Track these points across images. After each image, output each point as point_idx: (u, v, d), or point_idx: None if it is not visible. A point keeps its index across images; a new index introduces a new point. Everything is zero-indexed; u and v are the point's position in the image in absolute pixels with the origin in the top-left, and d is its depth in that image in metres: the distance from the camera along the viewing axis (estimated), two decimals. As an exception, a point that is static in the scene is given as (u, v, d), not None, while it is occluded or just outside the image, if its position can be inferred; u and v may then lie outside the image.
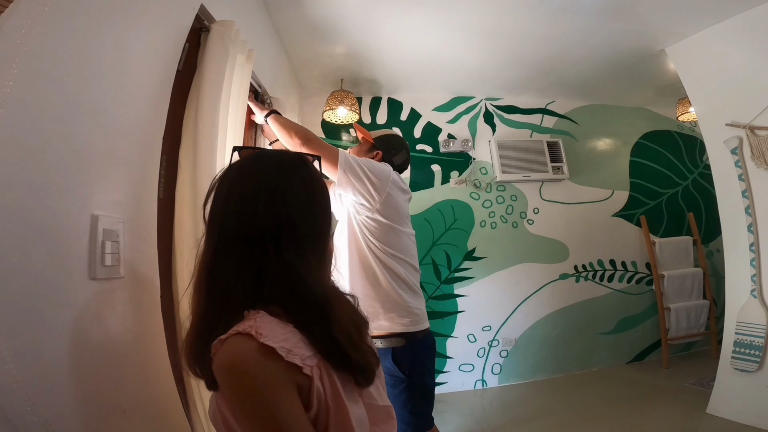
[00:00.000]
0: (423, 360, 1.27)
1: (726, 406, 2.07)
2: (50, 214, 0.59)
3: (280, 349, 0.47)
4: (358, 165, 1.21)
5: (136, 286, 0.78)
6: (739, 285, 2.14)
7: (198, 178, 0.92)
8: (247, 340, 0.47)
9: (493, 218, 3.00)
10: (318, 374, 0.50)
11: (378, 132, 1.54)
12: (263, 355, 0.46)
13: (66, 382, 0.59)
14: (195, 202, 0.90)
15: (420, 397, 1.24)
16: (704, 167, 3.45)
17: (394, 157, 1.46)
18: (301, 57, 2.40)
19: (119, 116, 0.76)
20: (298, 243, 0.57)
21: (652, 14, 2.09)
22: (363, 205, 1.24)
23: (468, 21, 2.11)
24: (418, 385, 1.23)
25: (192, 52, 1.06)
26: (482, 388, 2.82)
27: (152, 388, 0.80)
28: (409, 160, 1.55)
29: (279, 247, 0.55)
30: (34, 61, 0.56)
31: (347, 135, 2.94)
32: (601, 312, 3.07)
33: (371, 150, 1.46)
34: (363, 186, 1.21)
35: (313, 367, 0.50)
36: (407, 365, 1.21)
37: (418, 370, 1.23)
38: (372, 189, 1.22)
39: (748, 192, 2.09)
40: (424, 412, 1.26)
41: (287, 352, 0.47)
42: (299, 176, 0.61)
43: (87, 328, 0.65)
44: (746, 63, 2.06)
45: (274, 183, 0.58)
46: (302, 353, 0.49)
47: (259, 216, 0.55)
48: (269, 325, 0.49)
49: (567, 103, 3.30)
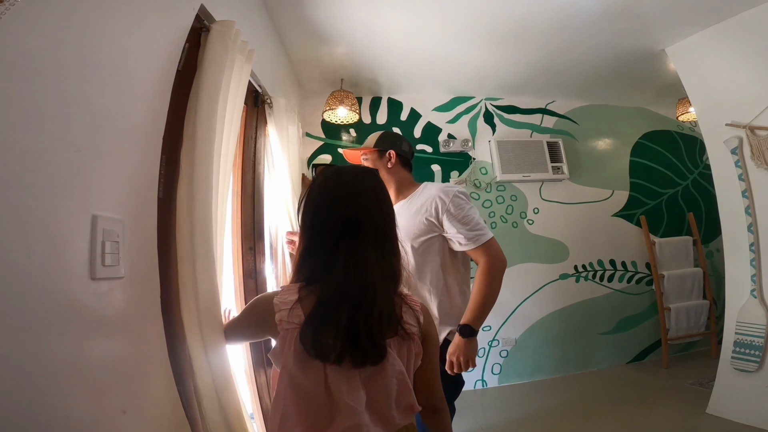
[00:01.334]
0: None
1: (726, 406, 2.07)
2: (50, 214, 0.59)
3: (275, 305, 0.73)
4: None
5: (136, 286, 0.78)
6: (739, 285, 2.14)
7: (196, 178, 0.91)
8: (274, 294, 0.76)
9: (493, 218, 3.01)
10: (284, 335, 0.71)
11: (370, 139, 1.48)
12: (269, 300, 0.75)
13: (66, 383, 0.59)
14: (193, 203, 0.90)
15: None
16: (704, 167, 3.45)
17: (401, 148, 1.44)
18: (301, 57, 2.40)
19: (119, 116, 0.76)
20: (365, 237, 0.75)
21: (652, 14, 2.09)
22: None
23: (468, 21, 2.11)
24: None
25: (192, 52, 1.05)
26: (482, 388, 2.82)
27: (152, 388, 0.80)
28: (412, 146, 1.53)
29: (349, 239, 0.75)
30: (34, 61, 0.56)
31: (347, 135, 2.94)
32: (601, 312, 3.07)
33: (381, 157, 1.42)
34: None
35: (287, 329, 0.71)
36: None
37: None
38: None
39: (748, 192, 2.09)
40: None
41: (279, 309, 0.72)
42: (369, 183, 0.80)
43: (87, 328, 0.65)
44: (746, 63, 2.06)
45: (350, 188, 0.78)
46: (285, 317, 0.71)
47: (334, 214, 0.76)
48: (286, 293, 0.74)
49: (567, 103, 3.30)
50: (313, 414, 0.67)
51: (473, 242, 1.25)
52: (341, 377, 0.69)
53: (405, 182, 1.43)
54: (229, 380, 0.91)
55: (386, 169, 1.41)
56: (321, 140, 2.89)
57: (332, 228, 0.74)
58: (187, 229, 0.89)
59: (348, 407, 0.67)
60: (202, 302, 0.87)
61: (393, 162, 1.41)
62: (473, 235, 1.25)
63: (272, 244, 2.00)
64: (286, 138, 1.92)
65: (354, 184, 0.78)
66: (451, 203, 1.26)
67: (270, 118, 1.85)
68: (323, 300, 0.70)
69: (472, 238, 1.25)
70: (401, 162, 1.44)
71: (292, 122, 2.04)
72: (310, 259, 0.76)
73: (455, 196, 1.28)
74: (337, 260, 0.72)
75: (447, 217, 1.26)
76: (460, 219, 1.25)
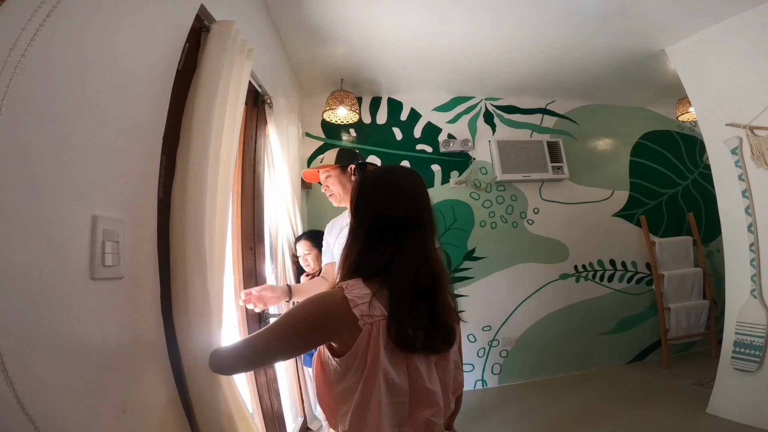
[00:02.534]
0: None
1: (726, 406, 2.07)
2: (50, 214, 0.59)
3: (350, 300, 0.68)
4: None
5: (136, 286, 0.78)
6: (739, 285, 2.14)
7: (189, 178, 0.90)
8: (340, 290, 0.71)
9: (493, 218, 3.01)
10: (369, 330, 0.67)
11: (329, 157, 1.57)
12: (337, 296, 0.70)
13: (66, 383, 0.59)
14: (186, 202, 0.89)
15: None
16: (704, 167, 3.45)
17: (359, 161, 1.50)
18: (301, 57, 2.40)
19: (119, 116, 0.76)
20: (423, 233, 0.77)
21: (652, 14, 2.09)
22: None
23: (468, 21, 2.11)
24: None
25: (192, 52, 1.05)
26: (482, 388, 2.82)
27: (152, 388, 0.80)
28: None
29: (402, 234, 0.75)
30: (34, 61, 0.56)
31: (347, 135, 2.94)
32: (601, 312, 3.07)
33: (344, 172, 1.51)
34: None
35: (369, 324, 0.67)
36: None
37: None
38: None
39: (748, 192, 2.09)
40: None
41: (355, 304, 0.68)
42: (420, 181, 0.83)
43: (87, 328, 0.65)
44: (746, 63, 2.06)
45: (401, 187, 0.80)
46: (366, 311, 0.68)
47: (398, 210, 0.76)
48: (354, 288, 0.71)
49: (567, 103, 3.30)
50: (402, 407, 0.69)
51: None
52: (422, 365, 0.72)
53: None
54: (219, 383, 0.88)
55: (351, 182, 1.49)
56: (321, 140, 2.89)
57: (398, 223, 0.75)
58: (179, 229, 0.89)
59: (431, 393, 0.71)
60: (191, 302, 0.86)
61: (356, 175, 1.50)
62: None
63: (272, 244, 2.00)
64: (286, 138, 1.92)
65: (408, 182, 0.81)
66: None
67: (270, 118, 1.85)
68: (401, 292, 0.71)
69: None
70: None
71: (292, 122, 2.04)
72: (372, 254, 0.74)
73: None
74: (407, 253, 0.74)
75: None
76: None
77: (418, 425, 0.70)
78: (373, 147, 2.94)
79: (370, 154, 2.91)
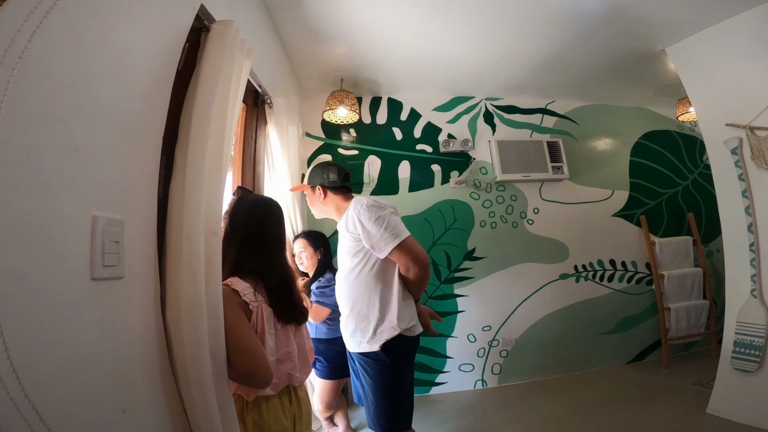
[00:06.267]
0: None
1: (726, 406, 2.07)
2: (50, 214, 0.59)
3: (239, 292, 0.96)
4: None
5: (136, 286, 0.78)
6: (739, 285, 2.14)
7: (187, 178, 0.90)
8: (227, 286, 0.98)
9: (493, 218, 3.01)
10: (257, 311, 0.97)
11: (306, 174, 1.60)
12: (232, 293, 0.96)
13: (66, 383, 0.59)
14: (184, 203, 0.89)
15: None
16: (704, 167, 3.45)
17: (328, 179, 1.53)
18: (301, 57, 2.40)
19: (119, 116, 0.76)
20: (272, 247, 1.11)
21: (652, 14, 2.09)
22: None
23: (468, 21, 2.11)
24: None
25: (192, 52, 1.05)
26: (482, 388, 2.82)
27: (152, 388, 0.80)
28: (344, 168, 1.60)
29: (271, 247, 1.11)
30: (34, 61, 0.56)
31: (347, 135, 2.94)
32: (601, 312, 3.07)
33: (314, 192, 1.54)
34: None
35: (256, 306, 0.97)
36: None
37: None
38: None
39: (748, 192, 2.09)
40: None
41: (244, 294, 0.96)
42: (280, 209, 1.18)
43: (87, 328, 0.65)
44: (746, 63, 2.06)
45: (275, 212, 1.16)
46: (251, 298, 0.97)
47: (264, 229, 1.10)
48: (237, 284, 0.98)
49: (567, 103, 3.30)
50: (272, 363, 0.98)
51: (385, 248, 1.32)
52: (287, 333, 1.06)
53: (341, 205, 1.52)
54: (210, 385, 0.86)
55: (321, 202, 1.54)
56: (321, 140, 2.89)
57: (268, 239, 1.08)
58: (177, 228, 0.88)
59: (288, 353, 1.03)
60: (183, 302, 0.84)
61: (323, 195, 1.53)
62: (381, 242, 1.32)
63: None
64: (286, 138, 1.92)
65: (275, 209, 1.15)
66: (360, 216, 1.35)
67: (270, 118, 1.85)
68: (274, 287, 1.04)
69: (381, 246, 1.32)
70: (332, 190, 1.54)
71: (292, 122, 2.04)
72: (249, 257, 1.04)
73: (363, 208, 1.35)
74: (276, 261, 1.08)
75: (360, 230, 1.35)
76: (369, 229, 1.33)
77: (281, 376, 1.00)
78: (373, 147, 2.94)
79: (371, 154, 2.92)
